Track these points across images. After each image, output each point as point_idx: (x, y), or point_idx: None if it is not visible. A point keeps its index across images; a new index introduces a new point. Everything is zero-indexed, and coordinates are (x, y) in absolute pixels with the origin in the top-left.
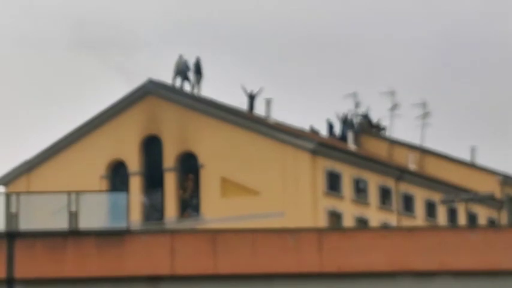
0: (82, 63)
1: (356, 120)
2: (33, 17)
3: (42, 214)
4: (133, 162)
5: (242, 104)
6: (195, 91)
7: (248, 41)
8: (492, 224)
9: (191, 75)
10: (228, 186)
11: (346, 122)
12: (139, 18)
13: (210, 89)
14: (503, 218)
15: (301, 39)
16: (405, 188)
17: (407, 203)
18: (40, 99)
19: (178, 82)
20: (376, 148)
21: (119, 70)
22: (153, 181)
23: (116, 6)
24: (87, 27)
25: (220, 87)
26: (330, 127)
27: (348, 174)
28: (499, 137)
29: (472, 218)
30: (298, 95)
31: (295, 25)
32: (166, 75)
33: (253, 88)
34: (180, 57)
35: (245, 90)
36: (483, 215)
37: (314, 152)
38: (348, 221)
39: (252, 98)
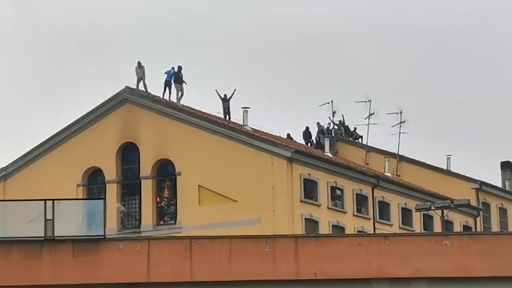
0: (58, 70)
1: (333, 128)
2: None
3: (18, 221)
4: (110, 170)
5: (219, 112)
6: (177, 100)
7: (225, 49)
8: (467, 230)
9: (173, 84)
10: (205, 193)
11: (323, 131)
12: (117, 25)
13: (187, 96)
14: (479, 225)
15: (278, 48)
16: (381, 195)
17: (383, 210)
18: (15, 106)
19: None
20: (352, 156)
21: (94, 77)
22: (130, 189)
23: (95, 13)
24: (64, 33)
25: (197, 95)
26: (307, 135)
27: (324, 181)
28: (474, 144)
29: (447, 225)
30: (275, 103)
31: (272, 34)
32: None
33: (226, 92)
34: (139, 63)
35: (219, 94)
36: (458, 221)
37: (291, 160)
38: (324, 228)
39: (226, 101)
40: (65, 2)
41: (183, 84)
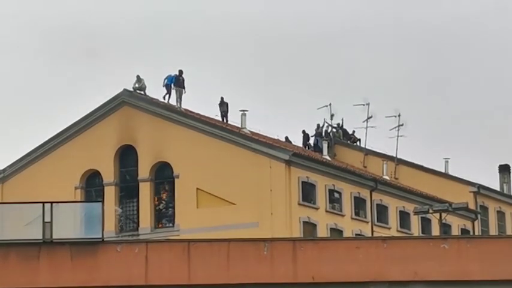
0: (55, 72)
1: (331, 131)
2: (2, 24)
3: (16, 224)
4: (108, 173)
5: (217, 115)
6: (176, 103)
7: (223, 52)
8: (466, 234)
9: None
10: (203, 196)
11: (321, 134)
12: (117, 29)
13: (185, 99)
14: (477, 228)
15: (276, 50)
16: (379, 198)
17: (381, 213)
18: (13, 109)
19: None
20: (350, 159)
21: (94, 80)
22: (128, 191)
23: (93, 16)
24: (62, 36)
25: (195, 98)
26: (305, 138)
27: (322, 184)
28: (473, 148)
29: (445, 228)
30: (273, 106)
31: (270, 36)
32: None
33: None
34: (138, 77)
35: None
36: (457, 225)
37: (289, 163)
38: (323, 231)
39: (223, 104)
40: (65, 3)
41: (183, 90)
